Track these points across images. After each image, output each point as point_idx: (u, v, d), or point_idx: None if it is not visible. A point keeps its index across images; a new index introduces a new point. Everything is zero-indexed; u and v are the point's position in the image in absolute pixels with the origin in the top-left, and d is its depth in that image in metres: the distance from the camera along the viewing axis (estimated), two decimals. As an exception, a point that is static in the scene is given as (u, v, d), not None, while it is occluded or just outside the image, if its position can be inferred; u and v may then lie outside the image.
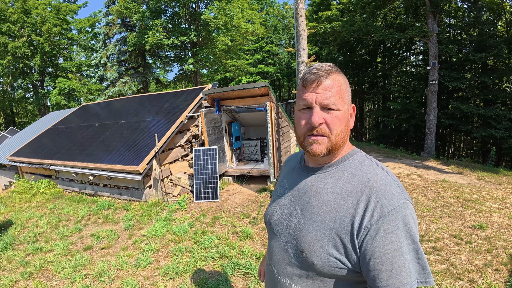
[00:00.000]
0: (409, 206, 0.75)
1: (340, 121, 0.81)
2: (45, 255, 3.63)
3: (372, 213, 0.73)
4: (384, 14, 18.48)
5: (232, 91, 6.09)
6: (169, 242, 3.72)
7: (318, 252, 0.79)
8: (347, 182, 0.82)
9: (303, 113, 0.84)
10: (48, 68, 23.50)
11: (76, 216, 5.01)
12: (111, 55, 17.32)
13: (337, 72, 0.83)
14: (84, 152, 6.56)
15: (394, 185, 0.77)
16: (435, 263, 2.99)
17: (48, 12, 20.46)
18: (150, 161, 5.40)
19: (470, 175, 7.19)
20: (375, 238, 0.72)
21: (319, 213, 0.83)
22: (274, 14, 32.69)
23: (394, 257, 0.71)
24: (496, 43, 12.20)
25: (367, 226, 0.73)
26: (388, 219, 0.72)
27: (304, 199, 0.89)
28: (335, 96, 0.79)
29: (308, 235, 0.83)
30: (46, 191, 6.78)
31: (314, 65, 0.84)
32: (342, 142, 0.83)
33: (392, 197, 0.74)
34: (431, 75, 12.41)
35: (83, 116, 9.45)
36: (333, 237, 0.78)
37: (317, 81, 0.80)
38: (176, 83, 22.99)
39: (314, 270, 0.81)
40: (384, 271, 0.71)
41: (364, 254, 0.73)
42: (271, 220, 0.98)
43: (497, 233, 3.57)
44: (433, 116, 12.64)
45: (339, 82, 0.81)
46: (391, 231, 0.71)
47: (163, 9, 16.24)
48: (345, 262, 0.77)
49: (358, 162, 0.85)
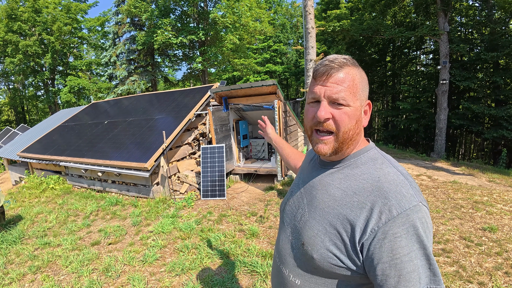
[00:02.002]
0: (422, 209, 0.70)
1: (349, 117, 0.77)
2: (53, 250, 3.69)
3: (379, 215, 0.70)
4: (394, 13, 18.21)
5: (240, 89, 6.09)
6: (176, 239, 3.74)
7: (318, 247, 0.78)
8: (356, 180, 0.79)
9: (311, 106, 0.81)
10: (59, 67, 23.94)
11: (85, 212, 5.08)
12: (120, 53, 17.52)
13: (352, 65, 0.78)
14: (93, 149, 6.65)
15: (406, 186, 0.72)
16: (444, 265, 2.93)
17: (58, 11, 20.81)
18: (158, 158, 5.45)
19: (480, 177, 7.04)
20: (384, 242, 0.68)
21: (323, 208, 0.81)
22: (282, 13, 32.57)
23: (403, 262, 0.67)
24: (508, 43, 11.95)
25: (374, 228, 0.70)
26: (397, 222, 0.68)
27: (312, 193, 0.88)
28: (346, 91, 0.75)
29: (311, 228, 0.82)
30: (55, 186, 6.90)
31: (328, 57, 0.79)
32: (350, 140, 0.80)
33: (402, 199, 0.70)
34: (441, 74, 12.20)
35: (93, 114, 9.59)
36: (335, 233, 0.76)
37: (327, 74, 0.76)
38: (184, 82, 23.13)
39: (313, 264, 0.80)
40: (393, 277, 0.67)
41: (372, 258, 0.70)
42: (284, 210, 0.99)
43: (507, 236, 3.49)
44: (443, 116, 12.43)
45: (353, 76, 0.77)
46: (400, 235, 0.67)
47: (171, 8, 16.35)
48: (344, 260, 0.74)
49: (370, 160, 0.82)
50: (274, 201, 5.01)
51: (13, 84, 25.97)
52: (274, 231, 3.83)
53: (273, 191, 5.64)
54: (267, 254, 3.15)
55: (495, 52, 12.03)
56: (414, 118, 15.70)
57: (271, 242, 3.52)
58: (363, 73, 0.81)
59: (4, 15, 19.97)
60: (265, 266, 2.89)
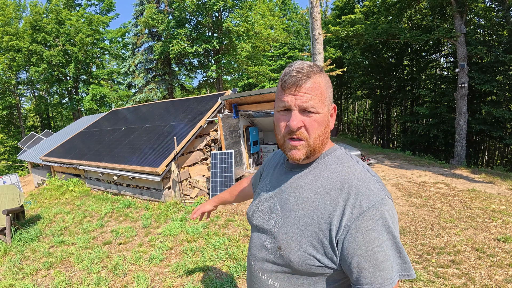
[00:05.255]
0: (388, 202, 0.74)
1: (319, 124, 0.80)
2: (67, 248, 3.89)
3: (351, 210, 0.73)
4: (410, 16, 17.86)
5: (249, 96, 6.20)
6: (182, 241, 3.84)
7: (296, 250, 0.79)
8: (326, 179, 0.82)
9: (282, 115, 0.83)
10: (82, 76, 25.14)
11: (100, 213, 5.31)
12: (139, 63, 18.21)
13: (317, 73, 0.80)
14: (111, 153, 6.94)
15: (372, 181, 0.77)
16: (452, 277, 2.82)
17: (81, 23, 21.91)
18: (169, 163, 5.61)
19: (501, 185, 6.72)
20: (356, 236, 0.71)
21: (297, 210, 0.83)
22: (297, 20, 32.71)
23: (376, 253, 0.71)
24: (526, 44, 11.37)
25: (347, 224, 0.73)
26: (368, 215, 0.72)
27: (284, 196, 0.89)
28: (314, 99, 0.78)
29: (287, 232, 0.83)
30: (75, 189, 7.24)
31: (294, 66, 0.81)
32: (321, 144, 0.83)
33: (370, 193, 0.74)
34: (460, 77, 11.78)
35: (112, 120, 10.00)
36: (311, 234, 0.78)
37: (296, 84, 0.78)
38: (200, 89, 23.62)
39: (292, 267, 0.81)
40: (367, 268, 0.71)
41: (346, 253, 0.73)
42: (254, 217, 0.99)
43: (523, 246, 3.33)
44: (463, 121, 11.95)
45: (320, 84, 0.80)
46: (371, 228, 0.71)
47: (187, 19, 16.86)
48: (322, 260, 0.77)
49: (337, 159, 0.85)
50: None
51: (39, 92, 27.44)
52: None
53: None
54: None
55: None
56: (433, 124, 15.19)
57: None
58: (327, 78, 0.85)
59: (28, 26, 21.18)
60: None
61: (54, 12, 21.16)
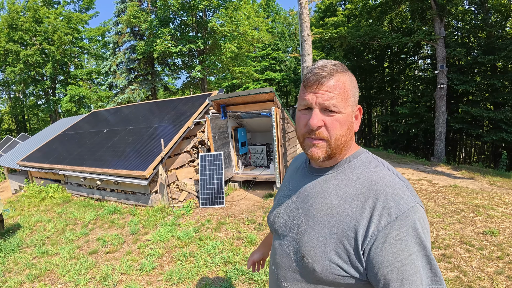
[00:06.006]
0: (420, 210, 0.70)
1: (341, 124, 0.76)
2: (51, 258, 3.67)
3: (379, 218, 0.69)
4: (391, 19, 18.42)
5: (237, 97, 6.12)
6: (174, 247, 3.72)
7: (320, 258, 0.75)
8: (351, 185, 0.78)
9: (303, 114, 0.80)
10: (59, 76, 24.17)
11: (83, 221, 5.06)
12: (120, 63, 17.71)
13: (341, 71, 0.77)
14: (92, 157, 6.66)
15: (402, 187, 0.72)
16: (445, 270, 2.90)
17: (59, 22, 21.09)
18: (156, 166, 5.45)
19: (481, 180, 7.01)
20: (384, 246, 0.67)
21: (321, 216, 0.79)
22: (280, 21, 32.95)
23: (404, 265, 0.66)
24: (505, 45, 12.00)
25: (374, 232, 0.69)
26: (397, 224, 0.67)
27: (307, 202, 0.85)
28: (337, 98, 0.75)
29: (310, 239, 0.79)
30: (54, 195, 6.90)
31: (317, 64, 0.79)
32: (343, 146, 0.79)
33: (400, 201, 0.69)
34: (439, 78, 12.25)
35: (93, 122, 9.63)
36: (336, 243, 0.74)
37: (318, 82, 0.75)
38: (184, 90, 23.27)
39: (316, 276, 0.77)
40: (395, 280, 0.67)
41: (373, 263, 0.69)
42: (275, 222, 0.95)
43: (509, 239, 3.46)
44: (442, 121, 12.43)
45: (343, 82, 0.76)
46: (401, 238, 0.67)
47: (171, 18, 16.57)
48: (348, 269, 0.72)
49: (364, 164, 0.81)
50: (273, 208, 4.98)
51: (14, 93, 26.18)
52: (273, 238, 3.80)
53: (272, 198, 5.62)
54: (265, 262, 3.12)
55: (492, 56, 12.09)
56: (413, 123, 15.73)
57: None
58: (353, 78, 0.81)
59: (5, 24, 20.24)
60: (262, 274, 2.86)
61: (32, 10, 20.25)
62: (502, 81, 12.89)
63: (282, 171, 6.23)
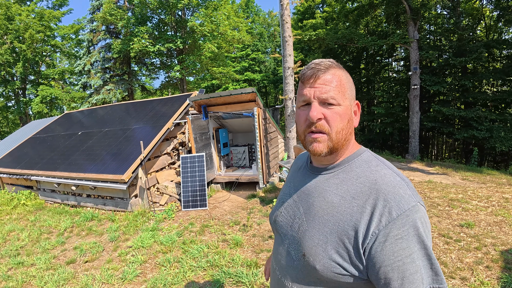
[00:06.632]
0: (421, 209, 0.70)
1: (341, 117, 0.76)
2: (27, 269, 3.45)
3: (380, 217, 0.69)
4: (367, 22, 19.02)
5: (219, 97, 6.06)
6: (157, 253, 3.59)
7: (321, 257, 0.75)
8: (352, 184, 0.77)
9: (302, 110, 0.80)
10: (30, 76, 22.82)
11: (58, 229, 4.79)
12: (95, 62, 17.00)
13: (337, 67, 0.79)
14: (67, 161, 6.34)
15: (403, 187, 0.72)
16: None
17: (31, 19, 19.95)
18: (136, 169, 5.26)
19: (454, 175, 7.38)
20: (385, 245, 0.67)
21: (322, 215, 0.79)
22: (259, 22, 33.05)
23: (405, 264, 0.66)
24: (476, 47, 12.68)
25: (375, 231, 0.69)
26: (398, 223, 0.67)
27: (308, 201, 0.85)
28: (334, 90, 0.75)
29: (311, 238, 0.79)
30: (27, 202, 6.50)
31: (314, 61, 0.81)
32: (344, 140, 0.79)
33: (401, 200, 0.69)
34: (412, 80, 12.79)
35: (66, 125, 9.17)
36: (336, 241, 0.74)
37: (315, 76, 0.76)
38: (162, 91, 22.74)
39: (316, 275, 0.77)
40: (396, 279, 0.67)
41: (373, 262, 0.69)
42: (276, 221, 0.95)
43: (485, 231, 3.63)
44: (416, 120, 12.99)
45: (339, 76, 0.78)
46: (401, 237, 0.67)
47: (148, 16, 16.12)
48: (348, 268, 0.72)
49: (365, 162, 0.81)
50: (257, 209, 4.96)
51: (-18, 95, 24.37)
52: (258, 240, 3.78)
53: (255, 199, 5.59)
54: (252, 263, 3.09)
55: (463, 57, 12.75)
56: (388, 122, 16.31)
57: (255, 251, 3.46)
58: (348, 75, 0.82)
59: (-24, 23, 18.87)
60: (250, 275, 2.83)
61: (4, 7, 18.97)
62: (472, 81, 13.64)
63: (265, 171, 6.23)
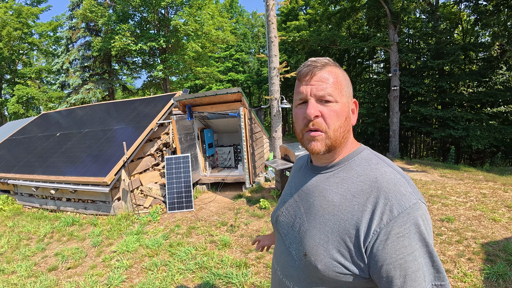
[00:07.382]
0: (422, 207, 0.69)
1: (338, 114, 0.76)
2: (8, 277, 3.28)
3: (381, 216, 0.68)
4: (348, 25, 19.44)
5: (204, 97, 6.01)
6: (143, 257, 3.51)
7: (322, 256, 0.75)
8: (353, 182, 0.77)
9: (299, 109, 0.80)
10: (6, 75, 21.70)
11: (38, 234, 4.58)
12: (74, 60, 16.40)
13: (333, 65, 0.79)
14: (45, 164, 6.07)
15: (404, 184, 0.72)
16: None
17: (9, 16, 18.95)
18: (119, 171, 5.12)
19: (433, 173, 7.67)
20: (386, 243, 0.67)
21: (323, 215, 0.78)
22: (243, 23, 33.07)
23: (407, 262, 0.66)
24: (453, 50, 13.26)
25: (376, 230, 0.68)
26: (399, 221, 0.67)
27: (309, 200, 0.84)
28: (331, 87, 0.75)
29: (312, 237, 0.78)
30: (4, 207, 6.19)
31: (310, 59, 0.80)
32: (342, 138, 0.79)
33: (402, 198, 0.69)
34: (392, 81, 13.20)
35: (43, 126, 8.79)
36: (338, 240, 0.73)
37: (311, 73, 0.76)
38: (145, 91, 22.25)
39: (318, 274, 0.76)
40: (398, 277, 0.66)
41: (375, 260, 0.68)
42: (278, 221, 0.94)
43: (465, 225, 3.78)
44: (396, 120, 13.41)
45: (336, 74, 0.77)
46: (403, 235, 0.67)
47: (130, 14, 15.72)
48: (349, 267, 0.72)
49: (365, 161, 0.80)
50: (244, 209, 4.96)
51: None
52: (246, 240, 3.78)
53: (242, 199, 5.58)
54: (241, 264, 3.08)
55: (441, 60, 13.29)
56: (370, 122, 16.75)
57: (244, 251, 3.46)
58: (345, 73, 0.82)
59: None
60: (240, 276, 2.83)
61: None
62: (449, 83, 14.25)
63: (251, 171, 6.23)
